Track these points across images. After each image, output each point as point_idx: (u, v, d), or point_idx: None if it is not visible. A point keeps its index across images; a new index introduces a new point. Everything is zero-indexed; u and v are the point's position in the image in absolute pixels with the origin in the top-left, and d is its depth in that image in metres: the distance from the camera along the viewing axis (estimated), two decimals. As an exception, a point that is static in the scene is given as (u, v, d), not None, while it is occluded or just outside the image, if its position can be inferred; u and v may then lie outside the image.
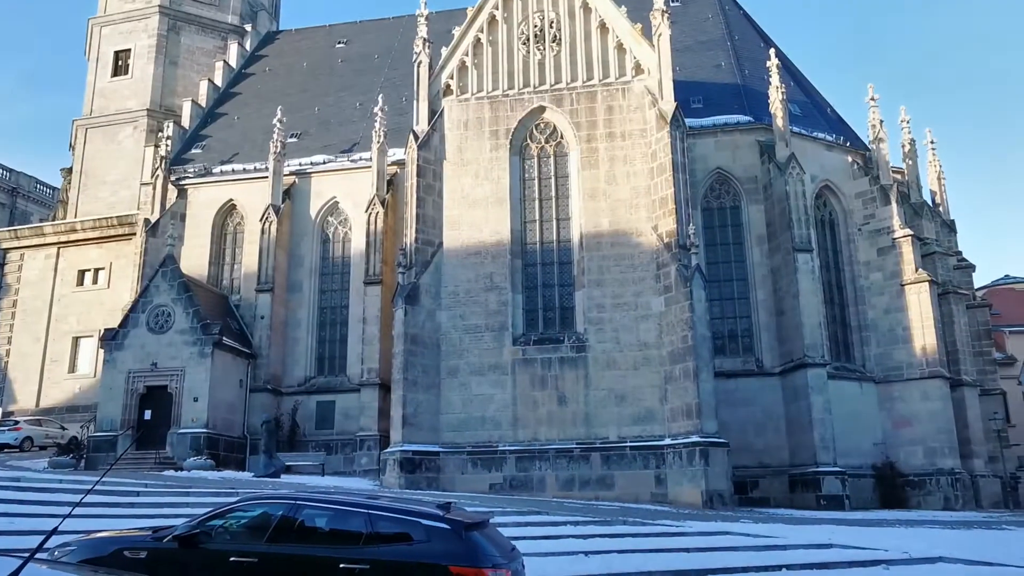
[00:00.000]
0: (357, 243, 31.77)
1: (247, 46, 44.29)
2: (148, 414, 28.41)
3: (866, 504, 25.61)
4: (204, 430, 27.68)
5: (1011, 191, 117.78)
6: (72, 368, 36.72)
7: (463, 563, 6.94)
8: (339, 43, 43.31)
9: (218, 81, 41.43)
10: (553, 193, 27.19)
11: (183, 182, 34.41)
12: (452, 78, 28.24)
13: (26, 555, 2.39)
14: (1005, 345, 48.64)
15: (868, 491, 26.38)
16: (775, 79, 28.79)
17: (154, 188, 34.50)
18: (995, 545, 16.02)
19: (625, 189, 26.14)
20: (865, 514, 22.71)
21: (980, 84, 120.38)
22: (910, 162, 33.18)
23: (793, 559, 13.33)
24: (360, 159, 32.71)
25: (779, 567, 12.73)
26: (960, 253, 34.13)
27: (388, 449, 24.86)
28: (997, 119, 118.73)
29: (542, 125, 27.66)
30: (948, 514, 23.75)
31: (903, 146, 33.24)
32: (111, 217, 38.15)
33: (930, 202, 33.88)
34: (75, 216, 40.15)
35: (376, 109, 31.63)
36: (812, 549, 14.27)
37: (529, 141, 27.66)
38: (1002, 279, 57.50)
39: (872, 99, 31.06)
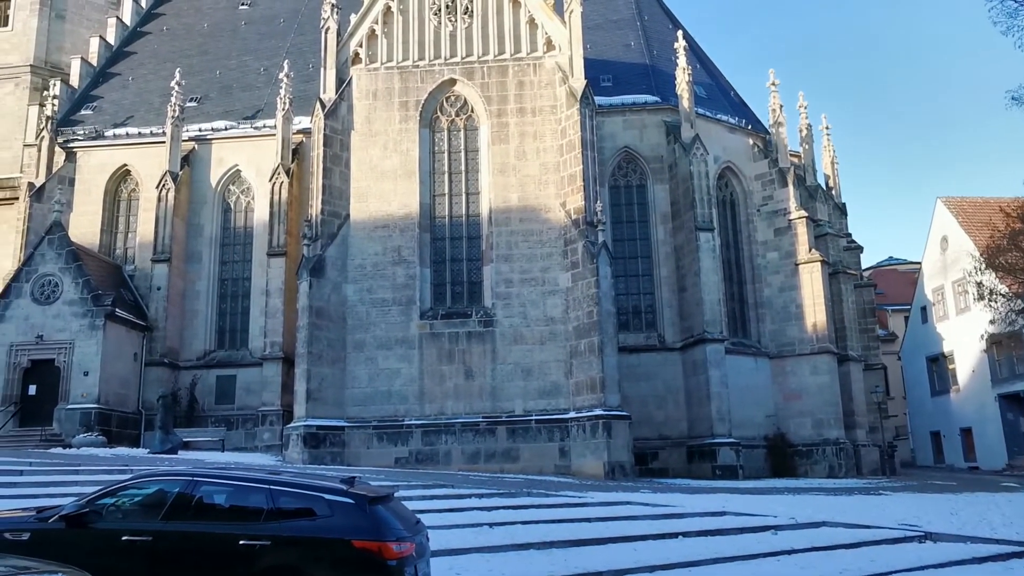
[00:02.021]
0: (260, 213, 30.90)
1: (142, 2, 42.09)
2: (33, 389, 27.28)
3: (758, 473, 26.79)
4: (95, 405, 26.66)
5: (896, 178, 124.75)
6: (-53, 341, 34.55)
7: (367, 537, 6.93)
8: (242, 4, 41.64)
9: (111, 39, 39.20)
10: (463, 167, 27.07)
11: (72, 145, 32.60)
12: (361, 46, 27.61)
13: None
14: (887, 323, 51.81)
15: (760, 461, 27.64)
16: (682, 61, 29.33)
17: (39, 150, 32.70)
18: (873, 509, 17.10)
19: (535, 165, 26.28)
20: (757, 483, 23.80)
21: (872, 74, 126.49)
22: (806, 146, 34.55)
23: (689, 527, 13.82)
24: (264, 126, 31.68)
25: (676, 535, 13.15)
26: (850, 235, 35.95)
27: (291, 424, 24.45)
28: (884, 107, 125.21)
29: (453, 98, 27.44)
30: (832, 481, 25.18)
31: (800, 131, 34.57)
32: (-10, 180, 35.82)
33: (823, 185, 35.47)
34: (-51, 177, 37.46)
35: (281, 75, 30.71)
36: (707, 517, 14.80)
37: (439, 114, 27.41)
38: (886, 260, 61.06)
39: (773, 84, 32.12)
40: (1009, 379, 38.90)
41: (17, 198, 33.35)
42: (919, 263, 47.44)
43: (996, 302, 30.18)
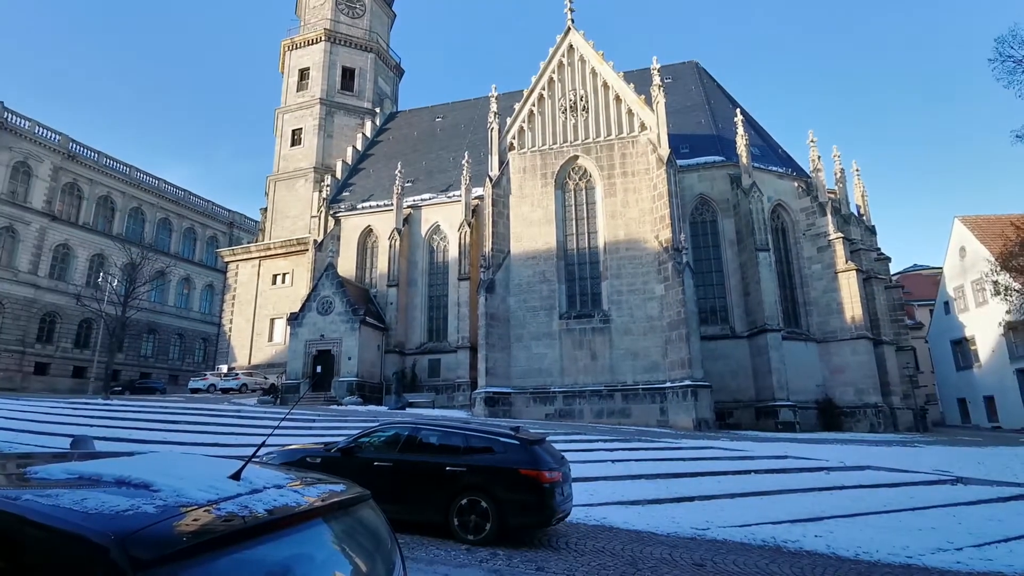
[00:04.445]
0: (452, 253, 32.09)
1: (377, 122, 45.12)
2: (319, 368, 29.35)
3: (812, 428, 24.69)
4: (355, 378, 28.46)
5: (919, 200, 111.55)
6: (270, 339, 38.20)
7: (529, 467, 7.01)
8: (438, 118, 43.74)
9: (359, 146, 42.32)
10: (585, 215, 26.88)
11: (337, 215, 35.32)
12: (514, 138, 28.20)
13: (246, 459, 2.49)
14: (915, 314, 46.12)
15: (813, 419, 25.40)
16: (740, 130, 27.89)
17: (319, 219, 35.58)
18: (909, 457, 15.21)
19: (635, 210, 25.70)
20: (811, 435, 21.90)
21: (901, 126, 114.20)
22: (841, 185, 31.63)
23: (760, 466, 12.96)
24: (453, 195, 32.98)
25: (749, 472, 12.38)
26: (879, 249, 32.36)
27: (476, 391, 25.11)
28: (914, 145, 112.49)
29: (576, 168, 27.39)
30: (873, 435, 22.70)
31: (835, 173, 31.71)
32: (292, 239, 39.40)
33: (856, 213, 32.28)
34: (270, 239, 41.66)
35: (463, 161, 31.90)
36: (773, 459, 13.82)
37: (568, 179, 27.41)
38: (912, 267, 54.56)
39: (812, 141, 29.72)
40: (1025, 356, 33.50)
41: (307, 249, 36.60)
42: (940, 268, 41.94)
43: (1011, 296, 26.24)
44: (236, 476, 2.20)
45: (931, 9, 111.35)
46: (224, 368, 37.53)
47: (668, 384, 23.05)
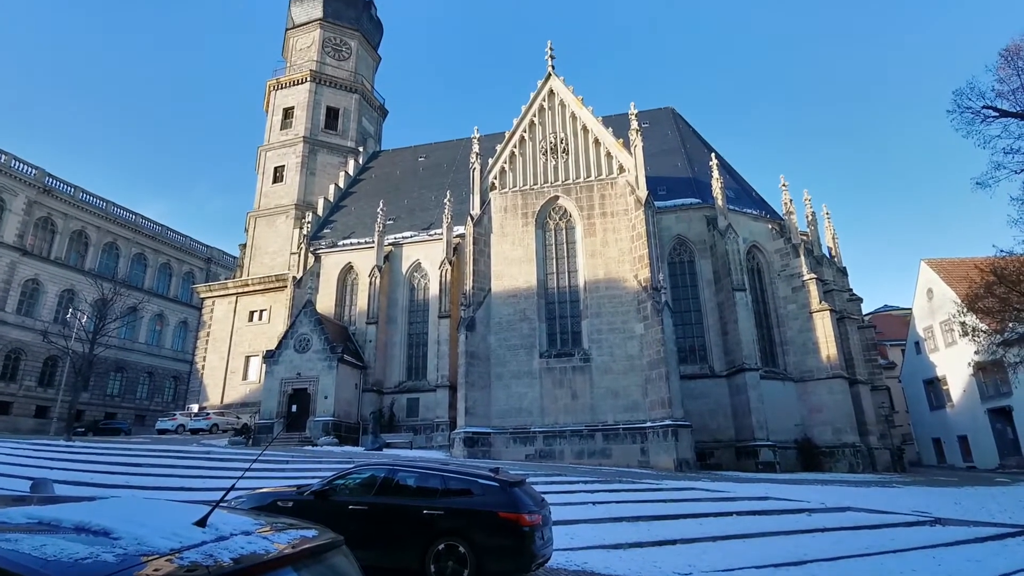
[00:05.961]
0: (433, 290, 31.98)
1: (360, 161, 45.50)
2: (295, 407, 28.67)
3: (792, 468, 24.61)
4: (331, 418, 27.79)
5: (888, 243, 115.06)
6: (244, 377, 37.32)
7: (508, 510, 6.85)
8: (420, 157, 44.27)
9: (341, 184, 42.49)
10: (565, 254, 27.16)
11: (318, 251, 35.11)
12: (496, 178, 28.61)
13: (213, 503, 2.40)
14: (887, 354, 46.92)
15: (793, 459, 25.37)
16: (715, 173, 28.68)
17: (299, 256, 35.35)
18: (888, 498, 15.20)
19: (614, 250, 26.05)
20: (791, 475, 21.82)
21: (870, 166, 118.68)
22: (812, 227, 32.59)
23: (741, 508, 12.83)
24: (435, 233, 33.10)
25: (730, 513, 12.25)
26: (851, 290, 33.17)
27: (455, 430, 24.66)
28: (883, 191, 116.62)
29: (557, 208, 27.81)
30: (852, 476, 22.69)
31: (807, 216, 32.71)
32: (271, 276, 39.02)
33: (828, 255, 33.17)
34: (248, 275, 41.17)
35: (445, 200, 32.16)
36: (754, 500, 13.70)
37: (548, 219, 27.78)
38: (882, 307, 55.84)
39: (784, 185, 30.70)
40: (995, 396, 34.10)
41: (286, 286, 36.19)
42: (910, 309, 42.97)
43: (979, 337, 26.81)
44: (202, 522, 2.12)
45: (896, 64, 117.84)
46: (194, 407, 36.36)
47: (649, 424, 22.89)
